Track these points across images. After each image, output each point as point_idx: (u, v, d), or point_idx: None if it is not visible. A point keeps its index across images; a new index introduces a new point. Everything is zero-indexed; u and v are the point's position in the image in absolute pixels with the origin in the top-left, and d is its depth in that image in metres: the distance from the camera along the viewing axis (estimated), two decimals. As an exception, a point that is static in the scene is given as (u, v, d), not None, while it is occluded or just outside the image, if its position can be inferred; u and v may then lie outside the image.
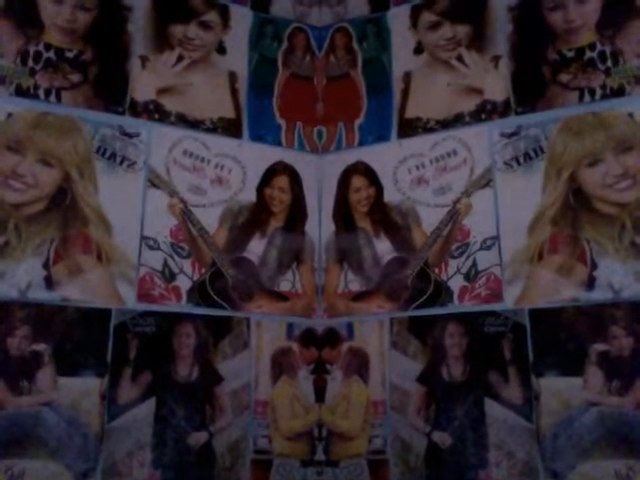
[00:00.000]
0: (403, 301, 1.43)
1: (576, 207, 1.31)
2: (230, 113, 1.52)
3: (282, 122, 1.56)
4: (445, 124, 1.47)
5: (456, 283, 1.38)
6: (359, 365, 1.44)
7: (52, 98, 1.36)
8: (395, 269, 1.45)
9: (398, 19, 1.58)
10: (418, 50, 1.54)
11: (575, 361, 1.25)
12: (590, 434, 1.21)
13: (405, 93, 1.53)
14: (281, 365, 1.44)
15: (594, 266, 1.27)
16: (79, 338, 1.28)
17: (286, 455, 1.40)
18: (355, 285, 1.48)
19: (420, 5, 1.55)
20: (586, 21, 1.38)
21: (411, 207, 1.47)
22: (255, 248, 1.48)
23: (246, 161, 1.50)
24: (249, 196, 1.50)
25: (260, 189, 1.51)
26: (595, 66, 1.35)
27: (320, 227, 1.55)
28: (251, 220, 1.49)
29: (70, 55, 1.39)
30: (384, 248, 1.48)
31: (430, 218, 1.44)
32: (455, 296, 1.38)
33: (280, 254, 1.50)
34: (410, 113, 1.51)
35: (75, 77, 1.39)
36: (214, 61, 1.53)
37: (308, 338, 1.48)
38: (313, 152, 1.58)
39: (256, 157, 1.52)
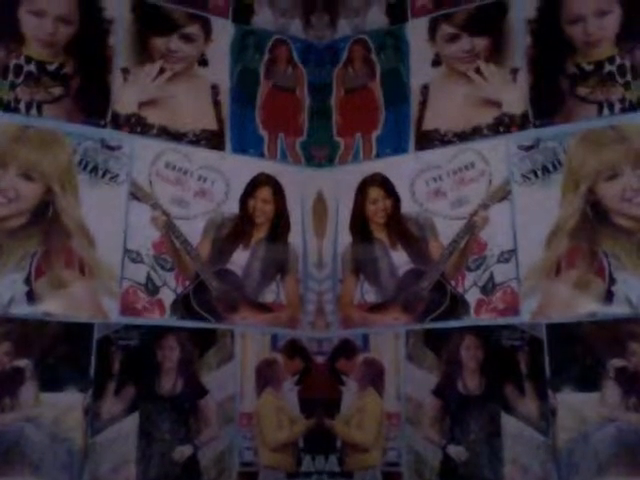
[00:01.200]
0: (419, 313, 1.43)
1: (594, 221, 1.30)
2: (213, 125, 1.52)
3: (265, 134, 1.57)
4: (463, 136, 1.47)
5: (473, 296, 1.38)
6: (374, 377, 1.44)
7: (33, 111, 1.35)
8: (411, 281, 1.45)
9: (416, 31, 1.57)
10: (436, 62, 1.54)
11: (592, 376, 1.23)
12: (607, 450, 1.19)
13: (423, 105, 1.53)
14: (266, 377, 1.44)
15: (612, 281, 1.25)
16: (62, 353, 1.27)
17: (272, 467, 1.40)
18: (371, 296, 1.48)
19: (438, 17, 1.55)
20: (606, 34, 1.37)
21: (428, 219, 1.47)
22: (239, 260, 1.48)
23: (229, 173, 1.51)
24: (232, 208, 1.50)
25: (243, 201, 1.51)
26: (614, 79, 1.34)
27: (304, 237, 1.55)
28: (234, 232, 1.49)
29: (51, 68, 1.39)
30: (401, 260, 1.48)
31: (447, 230, 1.43)
32: (471, 309, 1.37)
33: (264, 265, 1.50)
34: (428, 125, 1.51)
35: (56, 90, 1.38)
36: (196, 73, 1.53)
37: (293, 349, 1.48)
38: (296, 163, 1.59)
39: (239, 169, 1.52)
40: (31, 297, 1.26)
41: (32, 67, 1.37)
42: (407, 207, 1.50)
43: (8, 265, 1.26)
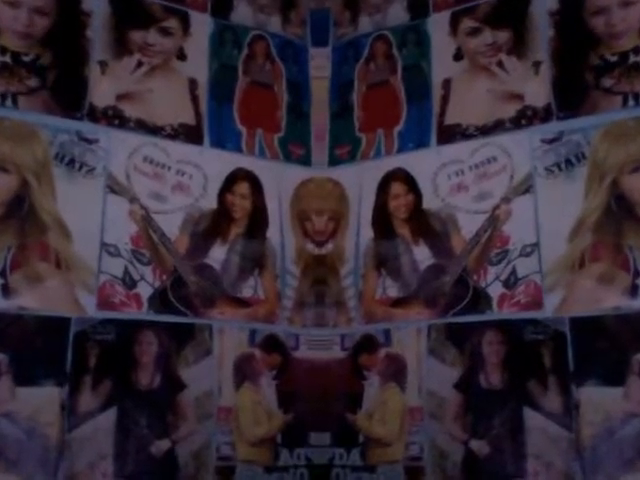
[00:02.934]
0: (441, 308, 1.43)
1: (618, 214, 1.28)
2: (190, 119, 1.51)
3: (243, 129, 1.57)
4: (485, 130, 1.46)
5: (495, 290, 1.37)
6: (396, 371, 1.45)
7: (8, 103, 1.33)
8: (433, 275, 1.45)
9: (438, 26, 1.57)
10: (458, 56, 1.54)
11: (616, 371, 1.21)
12: (632, 446, 1.17)
13: (445, 99, 1.53)
14: (244, 371, 1.44)
15: (637, 274, 1.24)
16: (37, 347, 1.25)
17: (249, 461, 1.40)
18: (393, 291, 1.49)
19: (460, 11, 1.55)
20: (630, 25, 1.35)
21: (450, 214, 1.46)
22: (216, 254, 1.48)
23: (207, 168, 1.50)
24: (210, 203, 1.50)
25: (221, 195, 1.51)
26: (639, 70, 1.32)
27: (282, 233, 1.56)
28: (212, 226, 1.49)
29: (27, 59, 1.37)
30: (423, 254, 1.48)
31: (469, 225, 1.43)
32: (494, 303, 1.37)
33: (242, 260, 1.50)
34: (450, 119, 1.51)
35: (32, 82, 1.36)
36: (174, 67, 1.52)
37: (270, 344, 1.48)
38: (273, 159, 1.59)
39: (217, 164, 1.52)
40: (6, 291, 1.25)
41: (7, 58, 1.35)
42: (429, 202, 1.50)
43: (-17, 258, 1.24)
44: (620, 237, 1.27)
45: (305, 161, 1.63)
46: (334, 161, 1.63)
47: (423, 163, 1.52)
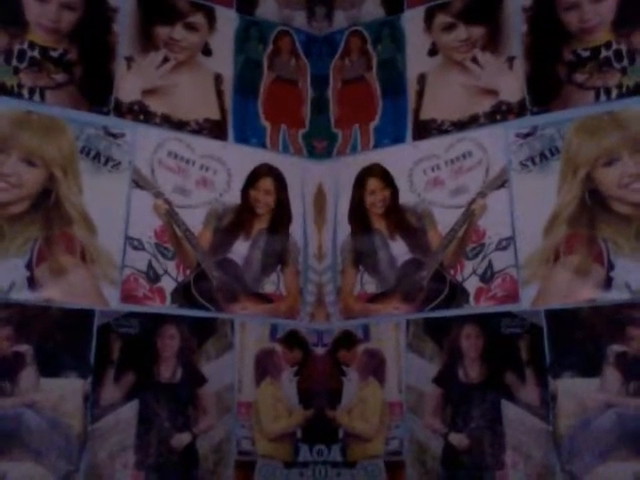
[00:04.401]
0: (419, 303, 1.43)
1: (592, 207, 1.30)
2: (215, 115, 1.52)
3: (267, 124, 1.57)
4: (460, 125, 1.47)
5: (472, 284, 1.38)
6: (375, 367, 1.45)
7: (36, 97, 1.35)
8: (411, 271, 1.46)
9: (412, 21, 1.58)
10: (433, 52, 1.55)
11: (592, 362, 1.23)
12: (608, 436, 1.19)
13: (420, 95, 1.54)
14: (265, 367, 1.45)
15: (611, 266, 1.26)
16: (62, 339, 1.27)
17: (269, 456, 1.40)
18: (371, 287, 1.49)
19: (434, 7, 1.56)
20: (602, 20, 1.37)
21: (426, 209, 1.47)
22: (239, 250, 1.48)
23: (231, 163, 1.51)
24: (234, 198, 1.50)
25: (245, 191, 1.51)
26: (611, 65, 1.35)
27: (305, 229, 1.56)
28: (236, 222, 1.49)
29: (55, 54, 1.39)
30: (400, 250, 1.48)
31: (445, 219, 1.44)
32: (471, 297, 1.38)
33: (264, 256, 1.50)
34: (425, 115, 1.52)
35: (60, 77, 1.38)
36: (200, 63, 1.53)
37: (292, 340, 1.48)
38: (297, 155, 1.59)
39: (241, 159, 1.52)
40: (32, 283, 1.26)
41: (35, 53, 1.37)
42: (405, 197, 1.50)
43: (10, 250, 1.26)
44: (594, 230, 1.29)
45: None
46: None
47: (399, 158, 1.52)
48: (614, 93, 1.33)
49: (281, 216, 1.54)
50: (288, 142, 1.59)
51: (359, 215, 1.55)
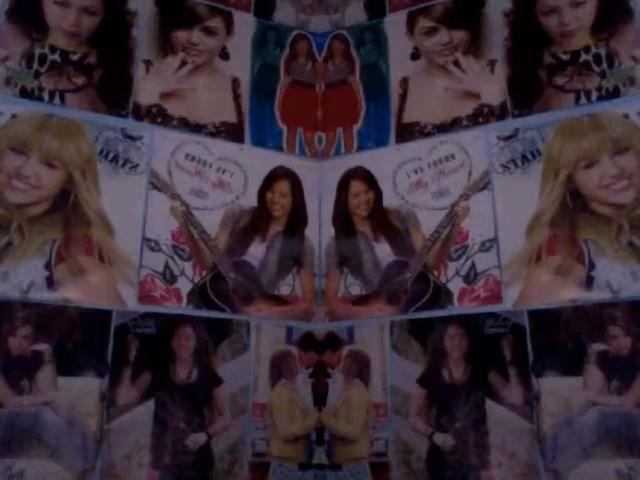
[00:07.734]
0: (403, 304, 1.43)
1: (573, 208, 1.32)
2: (232, 118, 1.53)
3: (284, 127, 1.58)
4: (443, 128, 1.48)
5: (455, 285, 1.39)
6: (360, 368, 1.45)
7: (56, 100, 1.37)
8: (395, 272, 1.46)
9: (395, 25, 1.60)
10: (415, 56, 1.56)
11: (574, 361, 1.25)
12: (591, 434, 1.21)
13: (403, 98, 1.55)
14: (280, 368, 1.45)
15: (592, 266, 1.27)
16: (80, 339, 1.28)
17: (284, 458, 1.40)
18: (355, 289, 1.49)
19: (416, 11, 1.58)
20: (581, 24, 1.40)
21: (410, 211, 1.48)
22: (255, 252, 1.49)
23: (247, 165, 1.52)
24: (250, 200, 1.51)
25: (261, 193, 1.52)
26: (590, 68, 1.37)
27: (320, 232, 1.56)
28: (252, 224, 1.50)
29: (75, 58, 1.41)
30: (384, 252, 1.49)
31: (429, 221, 1.45)
32: (455, 298, 1.38)
33: (280, 258, 1.51)
34: (408, 118, 1.53)
35: (79, 80, 1.40)
36: (217, 66, 1.55)
37: (307, 342, 1.49)
38: (314, 158, 1.59)
39: (257, 162, 1.53)
40: (51, 283, 1.28)
41: (56, 56, 1.39)
42: (389, 199, 1.51)
43: (29, 251, 1.28)
44: (575, 231, 1.30)
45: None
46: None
47: (382, 161, 1.53)
48: (594, 96, 1.35)
49: (297, 219, 1.55)
50: (304, 145, 1.59)
51: (343, 218, 1.55)
